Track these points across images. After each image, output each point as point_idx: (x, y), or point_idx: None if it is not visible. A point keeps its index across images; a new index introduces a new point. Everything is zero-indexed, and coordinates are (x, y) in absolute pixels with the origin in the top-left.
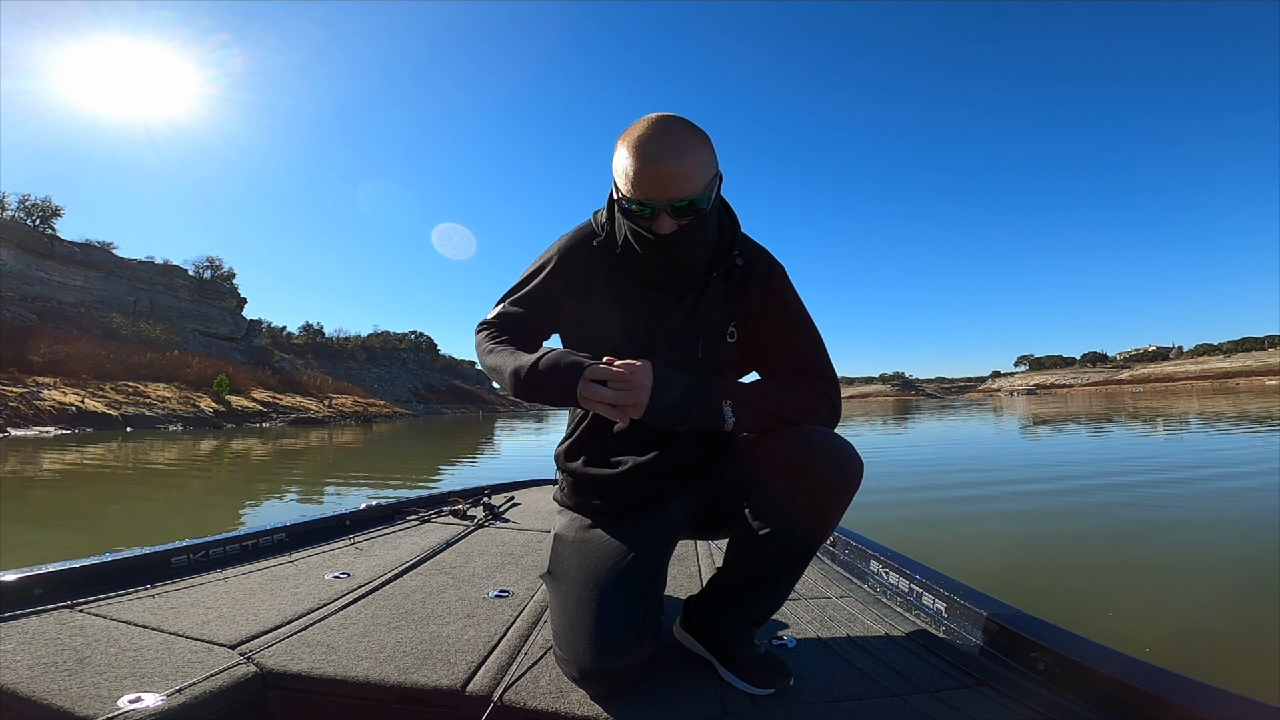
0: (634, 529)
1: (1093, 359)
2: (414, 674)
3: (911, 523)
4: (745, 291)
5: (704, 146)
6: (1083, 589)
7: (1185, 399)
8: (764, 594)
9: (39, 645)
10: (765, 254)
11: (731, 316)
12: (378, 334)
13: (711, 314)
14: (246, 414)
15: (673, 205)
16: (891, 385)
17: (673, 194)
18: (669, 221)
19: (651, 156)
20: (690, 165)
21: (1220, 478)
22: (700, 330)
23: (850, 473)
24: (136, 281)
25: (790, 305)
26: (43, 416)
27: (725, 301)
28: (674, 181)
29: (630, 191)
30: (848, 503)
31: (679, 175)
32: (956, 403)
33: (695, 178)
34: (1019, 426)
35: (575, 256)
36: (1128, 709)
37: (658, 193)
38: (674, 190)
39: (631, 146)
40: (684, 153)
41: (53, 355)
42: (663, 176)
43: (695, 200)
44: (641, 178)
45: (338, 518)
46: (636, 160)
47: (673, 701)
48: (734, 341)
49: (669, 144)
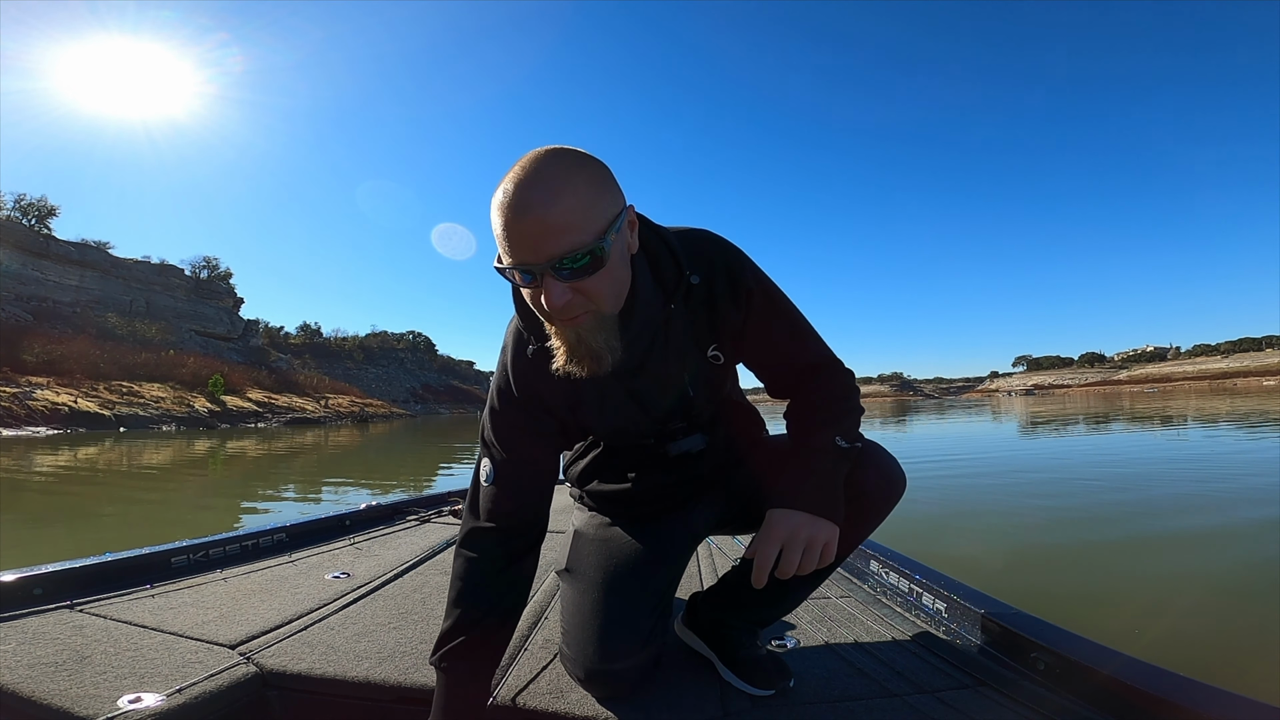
0: (655, 532)
1: (1090, 359)
2: (414, 674)
3: (911, 523)
4: (714, 310)
5: (586, 186)
6: (1083, 589)
7: (1184, 398)
8: (779, 601)
9: (39, 645)
10: (720, 256)
11: (709, 340)
12: (375, 334)
13: (688, 347)
14: (241, 414)
15: (554, 265)
16: (890, 385)
17: (548, 251)
18: (557, 287)
19: (516, 209)
20: (564, 213)
21: (1220, 477)
22: (683, 367)
23: (895, 484)
24: (132, 281)
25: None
26: (35, 416)
27: (694, 328)
28: (545, 237)
29: (505, 257)
30: (886, 515)
31: (550, 228)
32: (955, 403)
33: (575, 226)
34: (1017, 427)
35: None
36: (1128, 709)
37: (530, 253)
38: (548, 247)
39: (497, 201)
40: (555, 197)
41: (47, 355)
42: (530, 233)
43: (580, 254)
44: (510, 237)
45: (338, 518)
46: (501, 215)
47: (674, 702)
48: (721, 363)
49: (536, 191)
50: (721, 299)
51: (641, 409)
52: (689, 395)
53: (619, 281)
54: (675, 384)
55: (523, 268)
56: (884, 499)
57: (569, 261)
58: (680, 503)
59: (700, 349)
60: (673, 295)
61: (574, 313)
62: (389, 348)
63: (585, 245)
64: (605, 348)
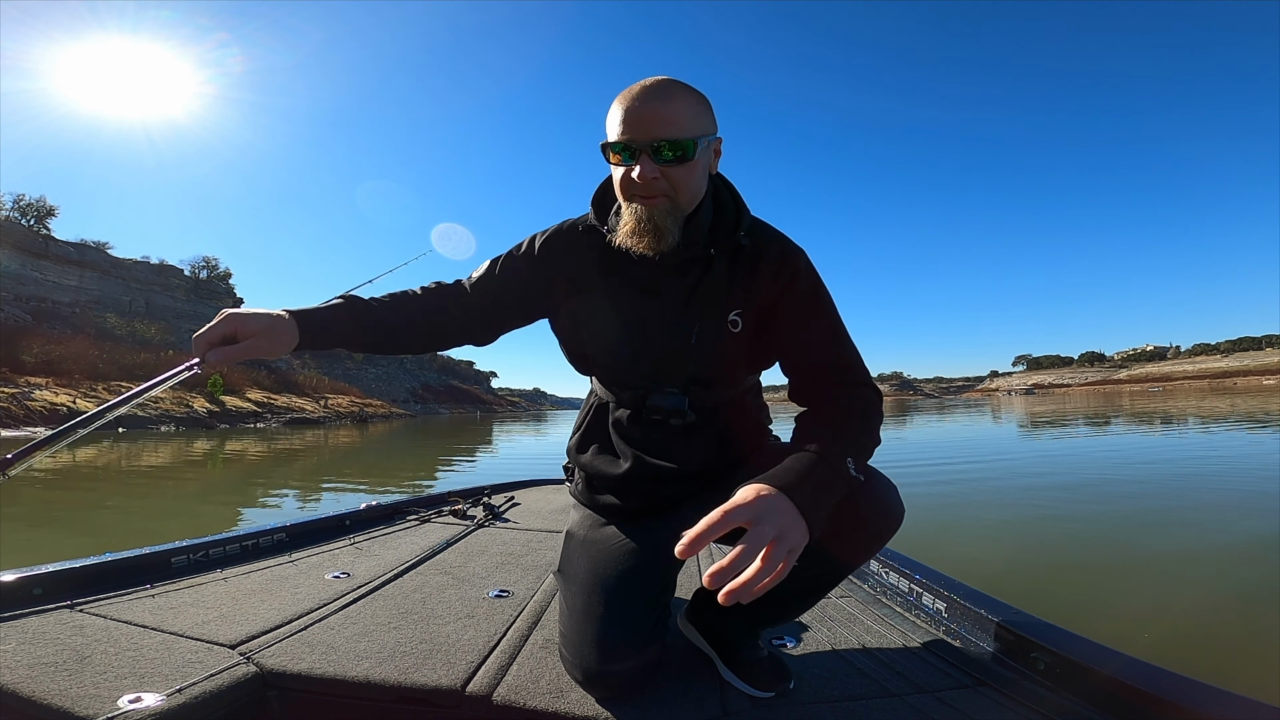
0: (646, 531)
1: (1090, 359)
2: (414, 674)
3: (912, 523)
4: (753, 276)
5: (695, 100)
6: (1083, 589)
7: (1184, 398)
8: (779, 612)
9: (39, 645)
10: (781, 238)
11: (736, 303)
12: None
13: (712, 298)
14: (241, 414)
15: (654, 145)
16: (890, 385)
17: (654, 133)
18: (650, 165)
19: (637, 98)
20: (675, 109)
21: (1221, 477)
22: (699, 314)
23: (892, 517)
24: (132, 281)
25: (812, 297)
26: (33, 417)
27: (729, 285)
28: (656, 121)
29: (614, 135)
30: (884, 544)
31: (661, 116)
32: (955, 402)
33: (679, 122)
34: (1017, 426)
35: (556, 244)
36: (1128, 709)
37: (639, 132)
38: (655, 130)
39: (622, 94)
40: (670, 98)
41: (45, 355)
42: (645, 116)
43: (678, 142)
44: (625, 117)
45: (338, 518)
46: (623, 103)
47: (673, 701)
48: (739, 332)
49: (656, 90)
50: (766, 267)
51: (643, 338)
52: (690, 342)
53: (697, 183)
54: (684, 325)
55: (628, 143)
56: (876, 534)
57: (667, 147)
58: (673, 504)
59: (724, 308)
60: (719, 241)
61: (655, 191)
62: None
63: (681, 138)
64: (668, 229)
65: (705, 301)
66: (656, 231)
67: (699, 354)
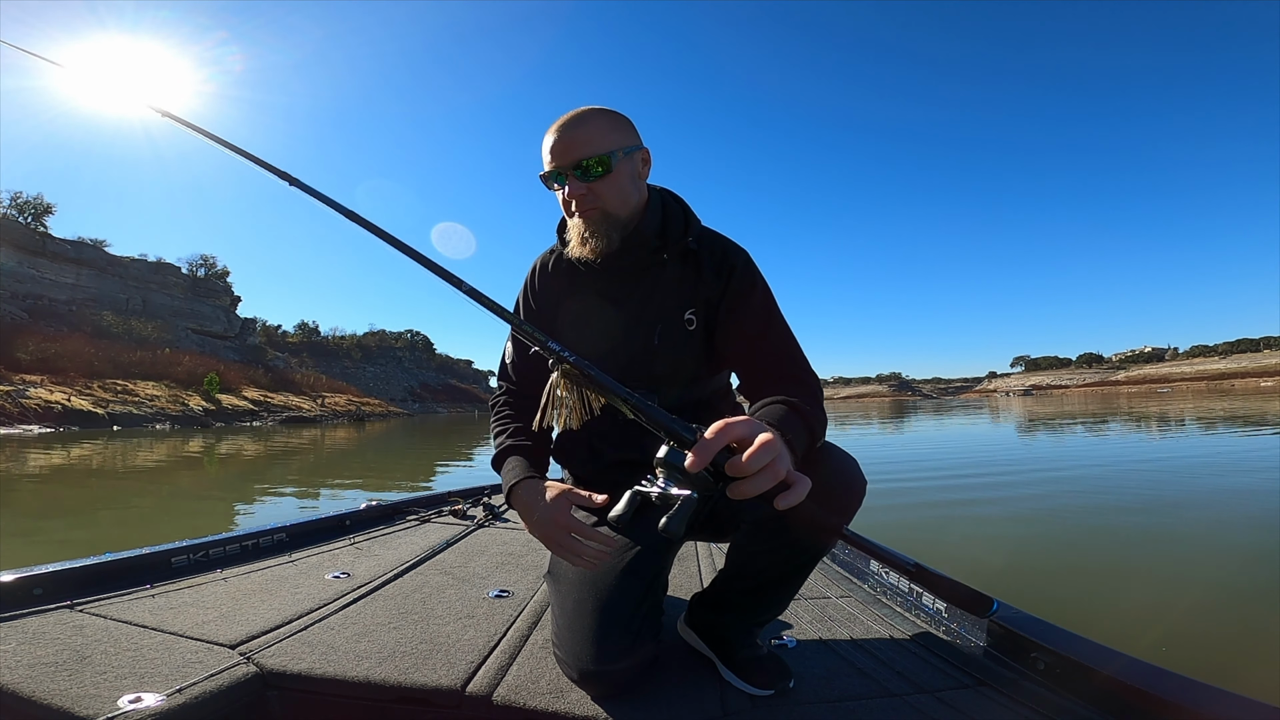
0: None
1: (1088, 360)
2: (414, 674)
3: (911, 523)
4: (700, 276)
5: (608, 119)
6: (1083, 589)
7: (1182, 400)
8: (766, 601)
9: (39, 645)
10: (724, 241)
11: (689, 302)
12: (374, 333)
13: (668, 299)
14: (236, 413)
15: (575, 166)
16: (888, 386)
17: (573, 155)
18: (576, 183)
19: (556, 130)
20: (589, 131)
21: (1221, 477)
22: (657, 316)
23: (854, 490)
24: (129, 279)
25: (753, 296)
26: (28, 414)
27: (679, 285)
28: (573, 145)
29: (546, 166)
30: (851, 518)
31: (577, 139)
32: (953, 403)
33: (594, 140)
34: (1016, 427)
35: (537, 284)
36: (1128, 709)
37: (562, 158)
38: (574, 153)
39: (547, 132)
40: (582, 123)
41: (41, 353)
42: (564, 142)
43: (598, 158)
44: (551, 148)
45: (338, 518)
46: (548, 138)
47: (673, 701)
48: (694, 329)
49: (571, 119)
50: (707, 267)
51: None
52: (654, 343)
53: (624, 192)
54: (647, 326)
55: (556, 170)
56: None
57: (588, 164)
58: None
59: (680, 308)
60: (668, 247)
61: (586, 205)
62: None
63: (598, 154)
64: (606, 234)
65: (662, 303)
66: (596, 238)
67: (663, 353)
